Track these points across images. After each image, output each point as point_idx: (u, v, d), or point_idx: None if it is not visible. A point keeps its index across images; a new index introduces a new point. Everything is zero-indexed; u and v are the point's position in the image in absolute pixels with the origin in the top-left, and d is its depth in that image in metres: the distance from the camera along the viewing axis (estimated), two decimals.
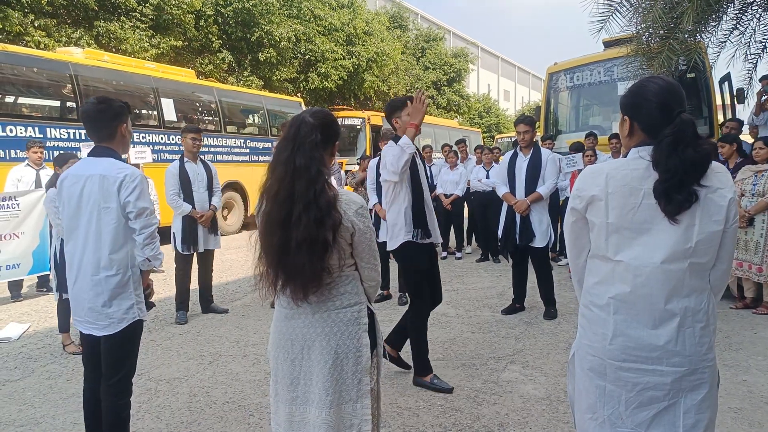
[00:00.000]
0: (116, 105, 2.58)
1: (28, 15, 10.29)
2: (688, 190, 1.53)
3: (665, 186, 1.54)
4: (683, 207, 1.54)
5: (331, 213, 1.84)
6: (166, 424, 3.25)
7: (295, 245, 1.82)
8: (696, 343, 1.62)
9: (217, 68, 14.38)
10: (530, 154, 5.15)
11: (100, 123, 2.54)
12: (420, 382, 3.67)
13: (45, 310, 5.85)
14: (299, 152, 1.85)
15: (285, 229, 1.83)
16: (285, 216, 1.83)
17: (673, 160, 1.52)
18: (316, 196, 1.82)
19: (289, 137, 1.89)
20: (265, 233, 1.89)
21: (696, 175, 1.55)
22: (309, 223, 1.80)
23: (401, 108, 3.58)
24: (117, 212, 2.50)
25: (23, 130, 8.24)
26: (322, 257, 1.85)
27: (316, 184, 1.83)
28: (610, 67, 9.32)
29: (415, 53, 25.86)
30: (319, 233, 1.81)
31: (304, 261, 1.82)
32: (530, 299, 5.61)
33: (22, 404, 3.56)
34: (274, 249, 1.87)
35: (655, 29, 6.54)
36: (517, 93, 56.34)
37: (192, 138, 5.35)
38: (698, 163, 1.54)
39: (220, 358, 4.31)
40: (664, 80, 1.62)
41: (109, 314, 2.50)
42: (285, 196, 1.84)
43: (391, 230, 3.65)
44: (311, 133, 1.87)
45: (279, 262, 1.87)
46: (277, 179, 1.87)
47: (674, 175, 1.53)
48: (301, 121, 1.90)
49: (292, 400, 1.98)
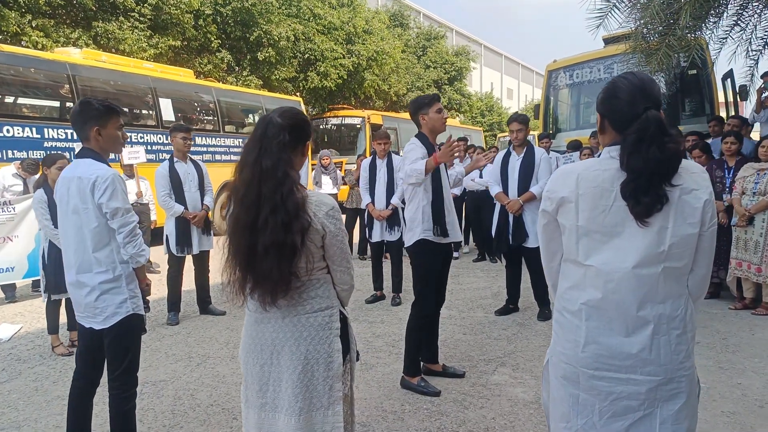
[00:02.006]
0: (92, 107, 2.58)
1: (25, 15, 10.26)
2: (656, 192, 1.47)
3: (631, 187, 1.48)
4: (652, 209, 1.47)
5: (299, 216, 1.79)
6: (147, 428, 3.21)
7: (263, 249, 1.78)
8: (672, 351, 1.55)
9: (216, 68, 14.34)
10: (523, 153, 5.09)
11: (76, 125, 2.62)
12: (407, 385, 3.62)
13: (38, 312, 5.81)
14: (266, 154, 1.80)
15: (252, 232, 1.79)
16: (252, 219, 1.79)
17: (634, 159, 1.46)
18: (283, 198, 1.77)
19: (256, 138, 1.85)
20: (233, 237, 1.85)
21: (663, 176, 1.48)
22: (276, 226, 1.76)
23: (429, 105, 3.58)
24: (95, 212, 2.53)
25: (21, 130, 8.23)
26: (290, 261, 1.80)
27: (283, 187, 1.78)
28: (609, 65, 9.25)
29: (416, 52, 25.76)
30: (287, 237, 1.77)
31: (271, 265, 1.78)
32: (525, 300, 5.55)
33: (6, 407, 3.53)
34: (241, 253, 1.82)
35: (653, 25, 6.46)
36: (520, 91, 56.17)
37: (182, 137, 5.30)
38: (664, 163, 1.47)
39: (207, 360, 4.27)
40: (637, 76, 1.56)
41: (102, 309, 2.56)
42: (252, 199, 1.79)
43: (408, 225, 3.65)
44: (279, 134, 1.82)
45: (247, 266, 1.82)
46: (244, 181, 1.82)
47: (639, 176, 1.46)
48: (269, 122, 1.85)
49: (261, 406, 1.93)
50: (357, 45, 17.75)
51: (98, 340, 2.63)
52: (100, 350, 2.66)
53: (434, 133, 3.65)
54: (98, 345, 2.65)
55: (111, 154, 2.83)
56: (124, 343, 2.62)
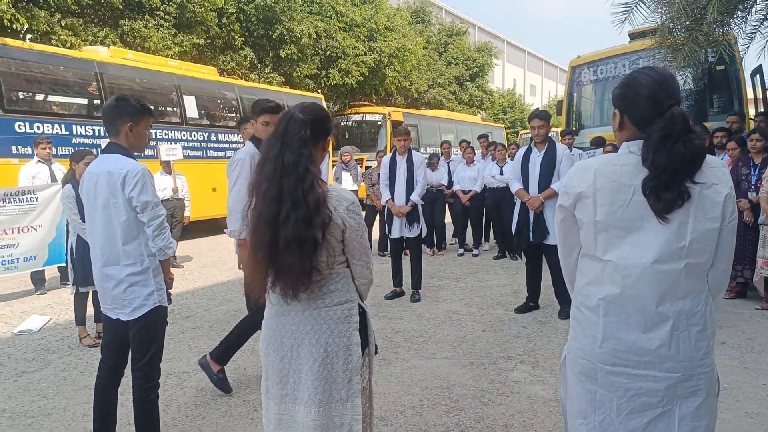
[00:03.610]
0: (129, 104, 2.65)
1: (54, 14, 10.49)
2: (678, 188, 1.46)
3: (653, 183, 1.47)
4: (673, 206, 1.46)
5: (320, 211, 1.81)
6: (171, 418, 3.29)
7: (284, 244, 1.80)
8: (691, 347, 1.54)
9: (239, 65, 14.48)
10: (545, 149, 5.05)
11: (108, 119, 2.68)
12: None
13: (67, 303, 5.96)
14: (287, 149, 1.83)
15: (274, 227, 1.82)
16: (274, 214, 1.81)
17: (660, 156, 1.45)
18: (304, 194, 1.79)
19: (278, 134, 1.88)
20: (255, 231, 1.88)
21: (687, 172, 1.47)
22: (298, 221, 1.78)
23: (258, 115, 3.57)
24: (125, 206, 2.58)
25: (50, 127, 8.45)
26: (311, 256, 1.83)
27: (304, 182, 1.80)
28: (635, 60, 9.09)
29: (437, 48, 25.66)
30: (308, 232, 1.79)
31: (293, 259, 1.81)
32: (545, 298, 5.52)
33: (36, 395, 3.64)
34: (264, 247, 1.85)
35: (679, 20, 6.35)
36: (543, 87, 55.54)
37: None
38: (689, 160, 1.46)
39: None
40: (657, 72, 1.55)
41: (130, 300, 2.62)
42: (274, 194, 1.82)
43: None
44: (300, 129, 1.85)
45: (269, 260, 1.85)
46: (266, 177, 1.85)
47: (662, 172, 1.45)
48: (290, 118, 1.88)
49: (281, 398, 1.97)
50: (378, 42, 17.76)
51: (123, 331, 2.70)
52: (125, 341, 2.73)
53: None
54: (123, 336, 2.71)
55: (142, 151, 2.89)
56: (150, 334, 2.69)
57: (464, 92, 25.98)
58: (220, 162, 11.14)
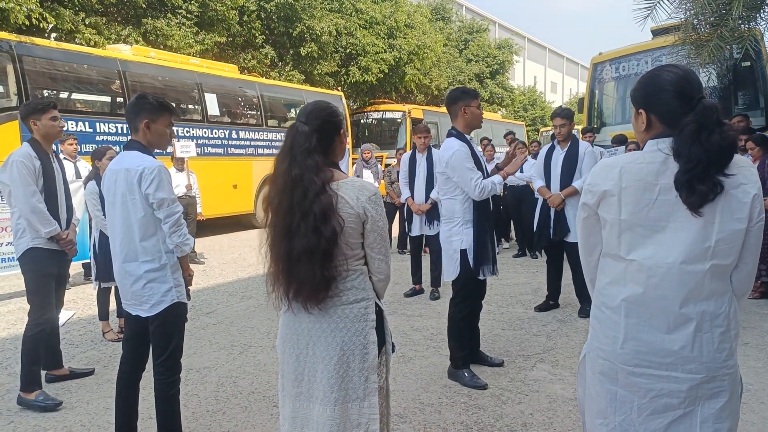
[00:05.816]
0: (146, 101, 2.68)
1: (79, 13, 10.66)
2: (712, 180, 1.44)
3: (688, 176, 1.44)
4: (707, 198, 1.44)
5: (327, 220, 1.82)
6: (192, 412, 3.33)
7: (296, 255, 1.84)
8: (714, 349, 1.52)
9: (260, 63, 14.58)
10: (567, 147, 5.01)
11: (129, 116, 2.72)
12: (452, 374, 3.68)
13: (90, 299, 6.08)
14: (294, 163, 1.85)
15: (289, 239, 1.85)
16: (287, 226, 1.85)
17: (696, 147, 1.43)
18: (310, 204, 1.82)
19: (286, 149, 1.90)
20: (273, 245, 1.92)
21: (721, 164, 1.45)
22: (307, 231, 1.81)
23: (474, 98, 3.61)
24: (142, 203, 2.61)
25: (74, 124, 8.59)
26: (324, 265, 1.84)
27: (309, 192, 1.83)
28: (658, 57, 8.94)
29: (457, 45, 25.51)
30: (319, 242, 1.81)
31: (307, 269, 1.83)
32: (565, 296, 5.47)
33: (60, 389, 3.71)
34: (281, 260, 1.88)
35: (704, 16, 6.22)
36: (564, 85, 54.94)
37: None
38: (725, 149, 1.44)
39: (249, 349, 4.38)
40: (679, 68, 1.53)
41: (149, 297, 2.65)
42: (286, 207, 1.85)
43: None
44: (305, 141, 1.86)
45: (287, 272, 1.88)
46: (278, 191, 1.89)
47: (698, 164, 1.43)
48: (295, 132, 1.89)
49: (296, 396, 1.98)
50: (398, 39, 17.72)
51: (144, 327, 2.73)
52: (145, 337, 2.76)
53: (470, 128, 3.63)
54: (144, 332, 2.75)
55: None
56: (169, 330, 2.71)
57: (484, 89, 25.78)
58: (241, 159, 11.25)
